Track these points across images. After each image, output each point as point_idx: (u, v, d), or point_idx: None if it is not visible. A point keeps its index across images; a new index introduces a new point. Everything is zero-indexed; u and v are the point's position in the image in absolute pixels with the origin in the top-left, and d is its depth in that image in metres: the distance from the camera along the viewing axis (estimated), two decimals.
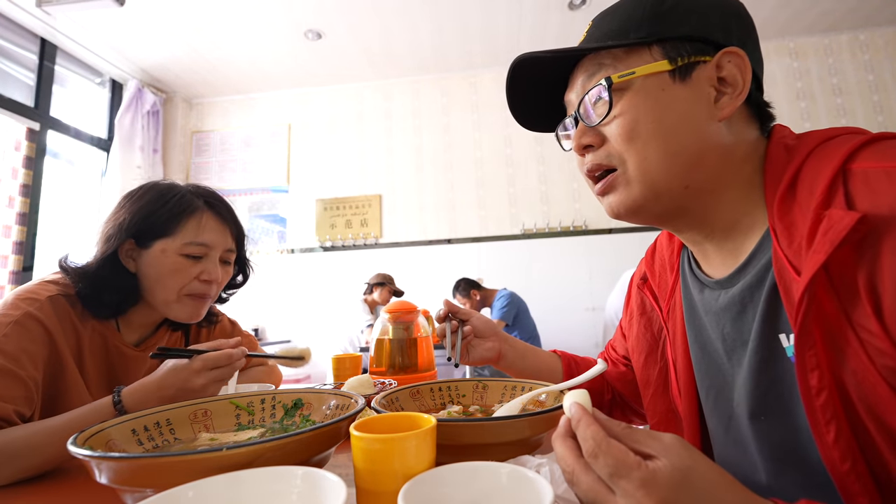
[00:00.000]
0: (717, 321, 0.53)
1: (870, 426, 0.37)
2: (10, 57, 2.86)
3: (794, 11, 3.20)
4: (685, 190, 0.48)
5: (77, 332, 0.80)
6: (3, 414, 0.64)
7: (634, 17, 0.49)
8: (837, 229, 0.36)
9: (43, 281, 0.81)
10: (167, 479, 0.37)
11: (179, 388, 0.69)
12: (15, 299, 0.75)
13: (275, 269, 3.76)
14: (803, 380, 0.39)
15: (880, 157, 0.38)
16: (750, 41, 0.49)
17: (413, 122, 3.83)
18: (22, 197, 2.82)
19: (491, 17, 3.11)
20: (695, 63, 0.47)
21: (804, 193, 0.42)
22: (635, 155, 0.48)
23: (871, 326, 0.36)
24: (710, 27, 0.47)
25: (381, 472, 0.38)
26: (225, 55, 3.40)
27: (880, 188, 0.37)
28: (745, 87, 0.47)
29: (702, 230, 0.52)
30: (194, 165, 3.94)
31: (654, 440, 0.35)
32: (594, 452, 0.34)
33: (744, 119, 0.50)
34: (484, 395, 0.75)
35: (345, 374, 1.05)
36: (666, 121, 0.47)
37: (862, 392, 0.37)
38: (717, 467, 0.34)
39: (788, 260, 0.41)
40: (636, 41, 0.48)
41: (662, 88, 0.47)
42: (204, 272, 0.85)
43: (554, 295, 3.44)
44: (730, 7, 0.50)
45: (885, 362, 0.35)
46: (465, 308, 0.84)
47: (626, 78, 0.47)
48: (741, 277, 0.49)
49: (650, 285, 0.68)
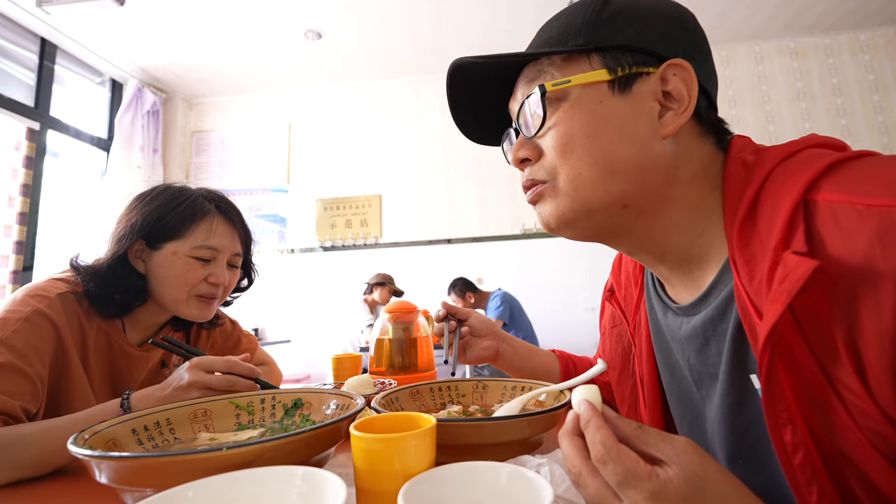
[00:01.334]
0: (682, 349, 0.50)
1: (855, 487, 0.34)
2: (10, 56, 2.86)
3: (794, 11, 3.20)
4: (624, 209, 0.45)
5: (83, 331, 0.81)
6: (9, 410, 0.65)
7: (574, 23, 0.46)
8: (793, 278, 0.33)
9: (52, 278, 0.81)
10: (167, 479, 0.37)
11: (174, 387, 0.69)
12: (25, 296, 0.75)
13: (275, 269, 3.76)
14: (776, 436, 0.36)
15: (848, 188, 0.34)
16: (699, 54, 0.46)
17: (413, 122, 3.83)
18: (22, 197, 2.82)
19: (491, 17, 3.11)
20: (636, 74, 0.44)
21: (764, 223, 0.38)
22: (569, 169, 0.45)
23: (852, 386, 0.32)
24: (652, 37, 0.44)
25: (381, 472, 0.38)
26: (225, 55, 3.40)
27: (851, 230, 0.33)
28: (692, 103, 0.43)
29: (651, 252, 0.49)
30: (194, 165, 3.94)
31: (666, 444, 0.33)
32: (603, 459, 0.33)
33: (694, 135, 0.46)
34: (484, 395, 0.75)
35: (345, 374, 1.05)
36: (603, 135, 0.44)
37: (845, 452, 0.34)
38: (729, 476, 0.32)
39: (750, 298, 0.38)
40: (574, 48, 0.45)
41: (600, 100, 0.44)
42: (212, 275, 0.87)
43: (554, 295, 3.44)
44: (676, 18, 0.47)
45: (870, 424, 0.32)
46: (462, 308, 0.84)
47: (561, 87, 0.44)
48: (702, 308, 0.46)
49: (617, 297, 0.65)
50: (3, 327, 0.70)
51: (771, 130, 3.42)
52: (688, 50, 0.45)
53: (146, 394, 0.70)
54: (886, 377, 0.31)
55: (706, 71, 0.47)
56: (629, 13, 0.45)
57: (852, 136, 3.34)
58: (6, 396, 0.65)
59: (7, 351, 0.68)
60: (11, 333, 0.69)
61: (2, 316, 0.71)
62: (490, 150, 3.63)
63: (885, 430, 0.32)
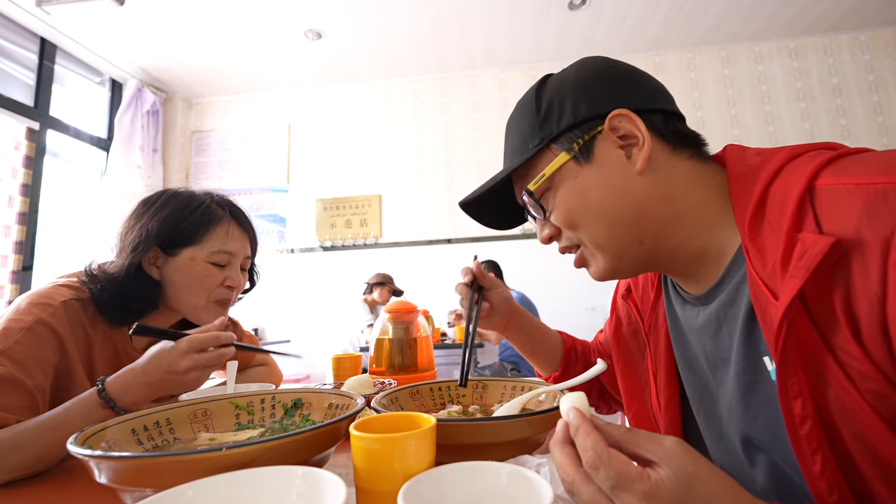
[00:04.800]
0: (698, 338, 0.54)
1: (855, 455, 0.36)
2: (10, 56, 2.86)
3: (794, 11, 3.20)
4: (641, 245, 0.51)
5: (88, 338, 0.80)
6: (4, 424, 0.64)
7: (525, 129, 0.54)
8: (812, 254, 0.36)
9: (57, 284, 0.80)
10: (167, 479, 0.37)
11: (165, 372, 0.67)
12: (28, 304, 0.74)
13: (275, 269, 3.76)
14: (787, 408, 0.39)
15: (842, 173, 0.39)
16: (630, 92, 0.51)
17: (413, 122, 3.83)
18: (22, 196, 2.82)
19: (491, 17, 3.11)
20: (590, 140, 0.50)
21: (774, 213, 0.42)
22: (585, 235, 0.52)
23: (851, 350, 0.35)
24: (586, 109, 0.51)
25: (381, 472, 0.38)
26: (225, 55, 3.40)
27: (844, 207, 0.36)
28: (645, 137, 0.49)
29: (678, 262, 0.53)
30: (194, 165, 3.94)
31: (655, 445, 0.34)
32: (595, 464, 0.34)
33: (667, 154, 0.51)
34: (484, 395, 0.75)
35: (345, 374, 1.05)
36: (591, 200, 0.50)
37: (846, 419, 0.36)
38: (720, 473, 0.33)
39: (764, 282, 0.41)
40: (535, 151, 0.53)
41: (575, 176, 0.51)
42: (228, 278, 0.89)
43: (554, 295, 3.44)
44: (596, 78, 0.53)
45: (869, 386, 0.35)
46: (491, 276, 0.80)
47: (539, 182, 0.52)
48: (716, 295, 0.49)
49: (633, 298, 0.69)
50: (4, 338, 0.68)
51: (771, 130, 3.42)
52: (618, 96, 0.51)
53: (126, 381, 0.67)
54: (878, 336, 0.34)
55: (646, 96, 0.52)
56: (559, 97, 0.52)
57: (852, 136, 3.34)
58: (2, 412, 0.64)
59: (8, 362, 0.67)
60: (13, 344, 0.68)
61: (4, 325, 0.70)
62: (490, 150, 3.65)
63: (885, 389, 0.34)
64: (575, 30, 3.27)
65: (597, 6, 3.03)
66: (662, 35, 3.41)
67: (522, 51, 3.51)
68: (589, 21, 3.19)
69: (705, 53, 3.60)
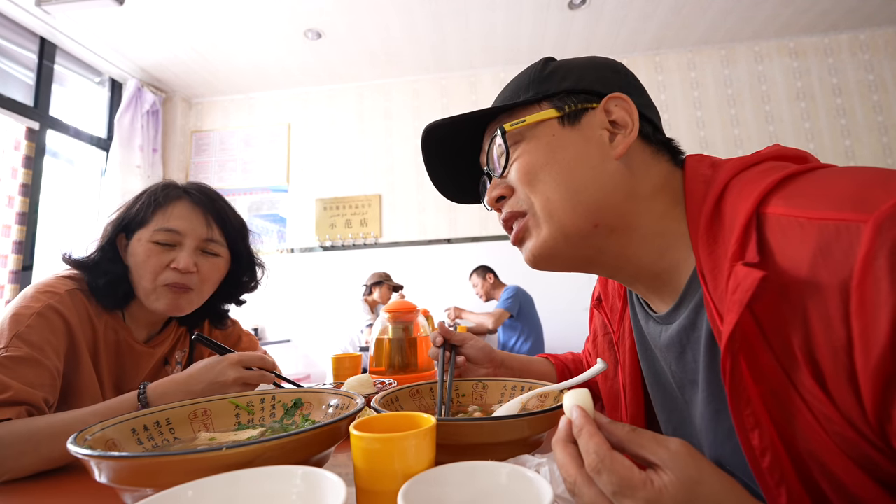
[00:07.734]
0: (664, 356, 0.52)
1: (825, 488, 0.35)
2: (10, 56, 2.86)
3: (794, 11, 3.20)
4: (595, 229, 0.49)
5: (93, 327, 0.82)
6: (32, 400, 0.66)
7: (522, 83, 0.54)
8: (743, 288, 0.35)
9: (59, 276, 0.82)
10: (167, 479, 0.37)
11: (211, 382, 0.71)
12: (35, 292, 0.76)
13: (274, 269, 3.74)
14: (745, 440, 0.37)
15: (793, 202, 0.36)
16: (633, 90, 0.52)
17: (413, 122, 3.83)
18: (21, 196, 2.82)
19: (491, 17, 3.10)
20: (582, 110, 0.50)
21: (725, 233, 0.41)
22: (539, 196, 0.50)
23: (815, 392, 0.34)
24: (590, 81, 0.51)
25: (381, 472, 0.38)
26: (225, 55, 3.39)
27: (796, 242, 0.35)
28: (635, 126, 0.49)
29: (627, 271, 0.52)
30: (194, 165, 3.94)
31: (660, 446, 0.33)
32: (597, 468, 0.33)
33: (648, 154, 0.51)
34: (484, 395, 0.75)
35: (344, 374, 1.06)
36: (561, 160, 0.49)
37: (813, 453, 0.35)
38: (724, 478, 0.33)
39: (715, 306, 0.40)
40: (525, 100, 0.52)
41: (553, 133, 0.50)
42: (174, 260, 0.82)
43: (554, 295, 3.44)
44: (608, 66, 0.54)
45: (834, 429, 0.33)
46: (459, 333, 0.81)
47: (517, 126, 0.51)
48: (677, 316, 0.48)
49: (604, 307, 0.68)
50: (17, 322, 0.70)
51: (771, 130, 3.42)
52: (622, 87, 0.52)
53: (166, 389, 0.70)
54: (845, 385, 0.32)
55: (643, 102, 0.52)
56: (567, 68, 0.53)
57: (852, 136, 3.34)
58: (28, 387, 0.66)
59: (24, 345, 0.69)
60: (26, 328, 0.70)
61: (14, 312, 0.72)
62: None
63: (849, 433, 0.33)
64: (575, 29, 3.27)
65: (597, 6, 3.03)
66: (662, 35, 3.41)
67: (522, 51, 3.51)
68: (589, 21, 3.19)
69: (705, 53, 3.60)
